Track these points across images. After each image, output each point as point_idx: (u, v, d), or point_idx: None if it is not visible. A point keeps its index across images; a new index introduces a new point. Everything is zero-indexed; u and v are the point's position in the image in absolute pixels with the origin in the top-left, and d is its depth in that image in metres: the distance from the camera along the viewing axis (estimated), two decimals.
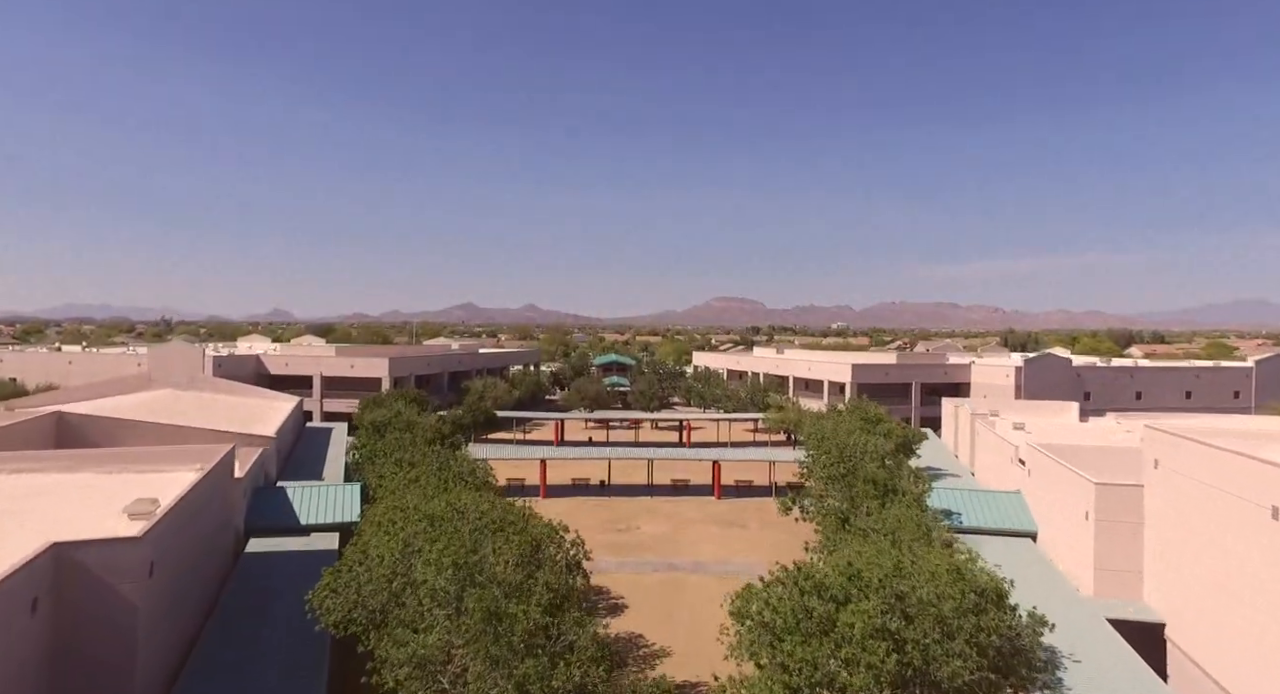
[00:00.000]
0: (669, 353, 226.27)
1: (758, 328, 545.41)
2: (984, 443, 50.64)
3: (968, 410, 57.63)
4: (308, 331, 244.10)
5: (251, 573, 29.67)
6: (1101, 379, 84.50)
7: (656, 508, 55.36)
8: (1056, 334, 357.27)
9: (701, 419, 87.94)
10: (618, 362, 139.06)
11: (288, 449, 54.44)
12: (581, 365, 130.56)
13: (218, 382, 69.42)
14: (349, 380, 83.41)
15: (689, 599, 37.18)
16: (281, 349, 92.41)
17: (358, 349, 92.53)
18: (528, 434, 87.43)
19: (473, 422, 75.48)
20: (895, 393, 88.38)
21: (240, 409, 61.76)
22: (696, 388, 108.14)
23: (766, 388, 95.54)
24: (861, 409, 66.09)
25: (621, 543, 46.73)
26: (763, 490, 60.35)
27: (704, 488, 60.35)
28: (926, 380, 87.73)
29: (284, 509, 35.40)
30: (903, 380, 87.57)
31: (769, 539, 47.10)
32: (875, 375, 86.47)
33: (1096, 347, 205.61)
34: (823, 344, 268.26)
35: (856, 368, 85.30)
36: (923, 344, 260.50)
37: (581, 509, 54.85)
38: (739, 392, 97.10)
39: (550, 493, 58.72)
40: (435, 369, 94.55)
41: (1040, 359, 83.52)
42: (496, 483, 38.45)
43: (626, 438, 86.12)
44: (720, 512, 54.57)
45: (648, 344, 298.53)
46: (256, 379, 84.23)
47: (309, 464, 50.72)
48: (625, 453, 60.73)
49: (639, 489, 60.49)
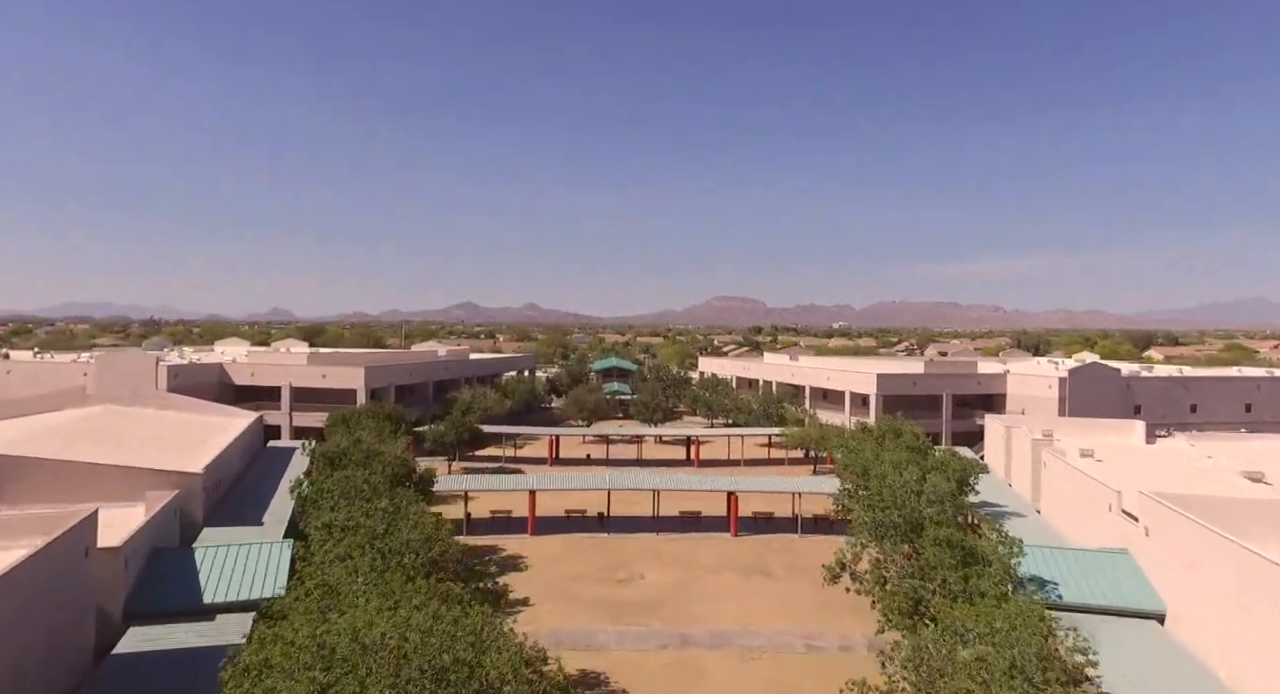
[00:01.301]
0: (671, 356, 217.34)
1: (759, 328, 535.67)
2: (1054, 477, 42.56)
3: (1025, 434, 49.53)
4: (297, 333, 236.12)
5: (118, 682, 21.64)
6: (1153, 390, 76.38)
7: (663, 549, 47.29)
8: (1068, 335, 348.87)
9: (711, 434, 79.81)
10: (618, 367, 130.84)
11: (231, 481, 46.40)
12: (580, 371, 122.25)
13: (168, 396, 61.42)
14: (321, 392, 75.33)
15: (709, 691, 29.11)
16: (249, 357, 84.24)
17: (332, 356, 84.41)
18: (519, 450, 79.37)
19: (456, 439, 67.42)
20: (923, 405, 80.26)
21: (183, 430, 53.69)
22: (704, 397, 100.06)
23: (780, 398, 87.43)
24: (894, 427, 58.29)
25: (621, 600, 38.66)
26: (785, 524, 52.31)
27: (718, 521, 52.33)
28: (958, 391, 79.63)
29: (185, 581, 27.36)
30: (931, 391, 79.45)
31: (801, 594, 39.04)
32: (902, 386, 78.39)
33: (1115, 349, 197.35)
34: (829, 346, 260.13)
35: (882, 379, 77.20)
36: (933, 347, 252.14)
37: (575, 550, 46.79)
38: (750, 402, 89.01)
39: (540, 527, 50.70)
40: (418, 378, 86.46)
41: (1087, 369, 75.42)
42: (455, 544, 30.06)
43: (628, 454, 78.08)
44: (738, 553, 46.48)
45: (649, 346, 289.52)
46: (219, 390, 76.21)
47: (255, 501, 42.68)
48: (627, 481, 52.66)
49: (643, 523, 52.45)
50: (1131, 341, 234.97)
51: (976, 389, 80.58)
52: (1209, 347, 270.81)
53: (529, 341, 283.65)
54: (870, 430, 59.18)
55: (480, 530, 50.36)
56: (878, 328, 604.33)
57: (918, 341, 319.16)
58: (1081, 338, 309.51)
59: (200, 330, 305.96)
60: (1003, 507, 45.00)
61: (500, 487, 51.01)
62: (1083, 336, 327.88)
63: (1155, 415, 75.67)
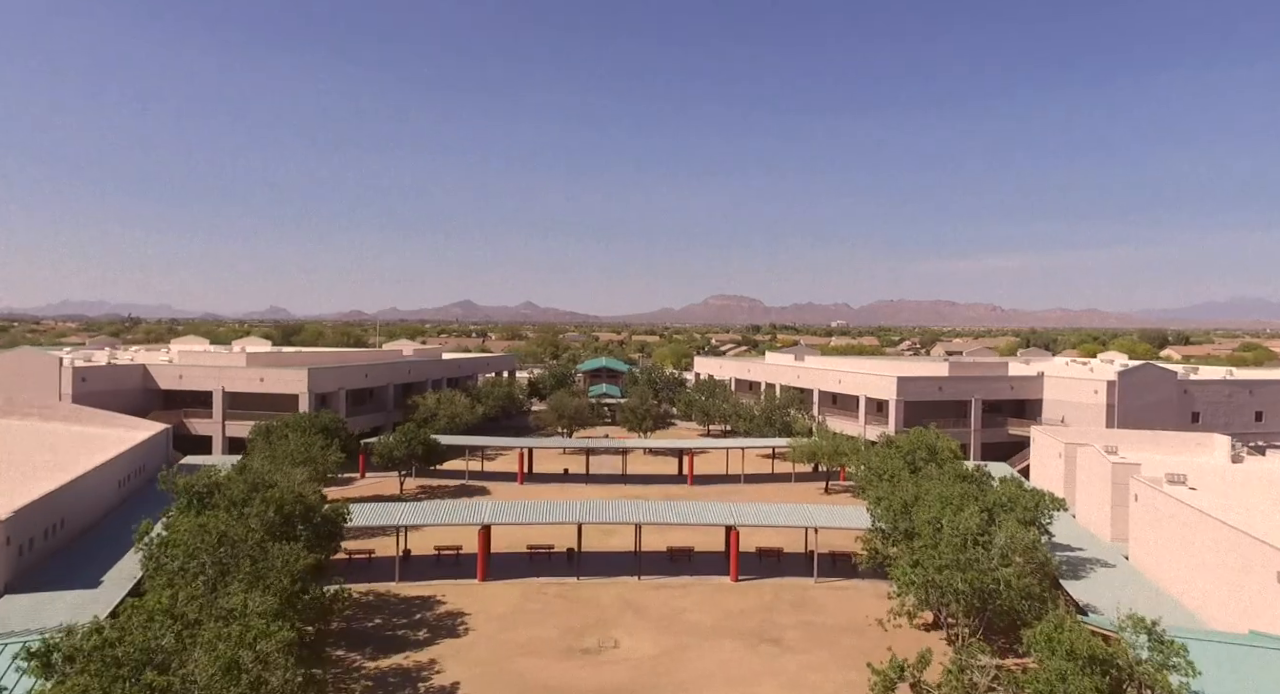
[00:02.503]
0: (667, 355, 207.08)
1: (758, 326, 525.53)
2: (1153, 515, 32.80)
3: (1100, 455, 39.76)
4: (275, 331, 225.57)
5: None
6: (1214, 396, 66.71)
7: (646, 601, 37.49)
8: (1075, 333, 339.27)
9: (706, 445, 69.93)
10: (608, 367, 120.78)
11: (99, 516, 36.50)
12: (564, 373, 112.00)
13: (57, 406, 51.61)
14: (260, 397, 65.45)
15: None
16: (179, 357, 74.18)
17: (274, 357, 74.46)
18: (490, 462, 69.48)
19: (408, 453, 57.53)
20: (948, 412, 70.62)
21: (53, 446, 43.83)
22: (700, 401, 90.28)
23: (784, 403, 77.56)
24: (926, 442, 48.70)
25: (585, 686, 28.84)
26: (797, 562, 42.59)
27: (714, 559, 42.62)
28: (989, 396, 69.93)
29: None
30: (958, 396, 69.74)
31: (825, 676, 29.23)
32: (925, 390, 68.66)
33: (1133, 349, 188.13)
34: (831, 345, 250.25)
35: (903, 382, 67.49)
36: (940, 346, 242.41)
37: (534, 603, 37.00)
38: (751, 408, 79.27)
39: (497, 568, 40.95)
40: (377, 381, 76.52)
41: (1139, 371, 65.71)
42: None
43: (613, 468, 68.29)
44: (740, 608, 36.69)
45: (645, 345, 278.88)
46: (142, 396, 66.33)
47: (111, 548, 32.78)
48: (603, 513, 42.82)
49: (623, 561, 42.70)
50: (1146, 341, 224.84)
51: (1010, 394, 70.87)
52: (1220, 346, 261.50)
53: (519, 341, 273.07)
54: (897, 445, 49.54)
55: (419, 573, 40.59)
56: (877, 326, 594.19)
57: (920, 340, 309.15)
58: (1090, 337, 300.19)
59: (182, 328, 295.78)
60: (1078, 551, 35.32)
61: (444, 520, 41.08)
62: (1090, 335, 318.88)
63: (1216, 424, 66.08)
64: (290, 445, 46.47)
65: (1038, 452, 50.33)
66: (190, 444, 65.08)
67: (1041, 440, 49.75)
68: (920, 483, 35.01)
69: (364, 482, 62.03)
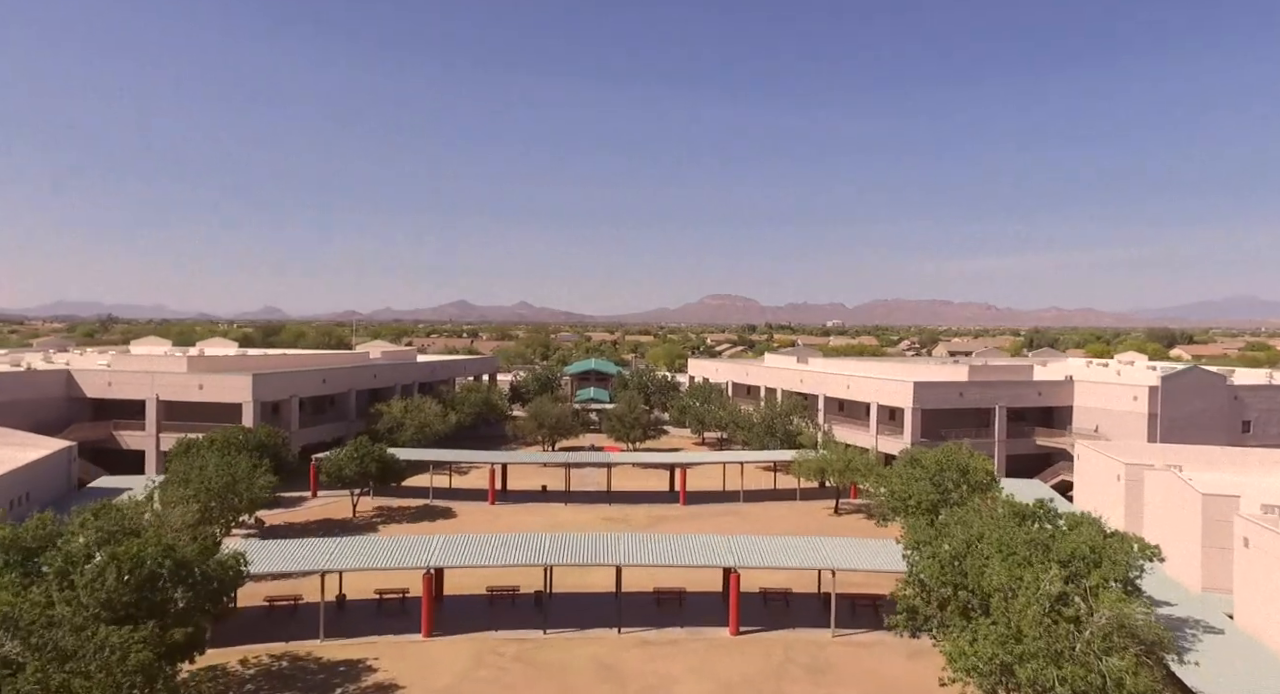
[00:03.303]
0: (660, 356, 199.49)
1: (754, 326, 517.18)
2: (1268, 564, 25.77)
3: (1181, 484, 32.76)
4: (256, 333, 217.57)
5: None
6: (1268, 403, 59.87)
7: (625, 666, 30.38)
8: (1078, 333, 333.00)
9: (701, 460, 62.78)
10: (596, 370, 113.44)
11: None
12: (549, 377, 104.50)
13: None
14: (200, 407, 58.21)
15: None
16: (111, 362, 66.66)
17: (220, 362, 66.87)
18: (461, 477, 62.28)
19: (359, 471, 50.35)
20: (969, 421, 63.78)
21: None
22: (694, 408, 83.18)
23: (787, 410, 70.43)
24: (955, 461, 41.94)
25: None
26: (809, 609, 35.64)
27: (709, 605, 35.62)
28: (1014, 404, 62.99)
29: None
30: (981, 404, 62.78)
31: None
32: (945, 397, 61.70)
33: (1143, 348, 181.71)
34: (830, 345, 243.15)
35: (921, 388, 60.54)
36: (943, 346, 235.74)
37: (487, 670, 29.87)
38: (751, 415, 72.22)
39: (448, 618, 33.94)
40: (336, 387, 69.24)
41: (1185, 375, 58.77)
42: None
43: (596, 484, 61.27)
44: (742, 675, 29.62)
45: (638, 345, 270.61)
46: (66, 405, 59.07)
47: None
48: (576, 552, 35.67)
49: (600, 607, 35.58)
50: (1155, 340, 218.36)
51: (1037, 400, 63.91)
52: (1224, 346, 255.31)
53: (509, 341, 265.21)
54: (921, 465, 42.60)
55: (353, 626, 33.50)
56: (875, 326, 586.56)
57: (920, 340, 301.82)
58: (1093, 336, 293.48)
59: (165, 329, 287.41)
60: (1163, 607, 28.23)
61: (381, 563, 33.81)
62: (1093, 334, 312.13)
63: (1269, 435, 59.34)
64: (209, 468, 39.22)
65: (1086, 472, 43.36)
66: (120, 461, 57.85)
67: (1091, 458, 42.74)
68: (964, 520, 27.91)
69: (315, 502, 54.86)
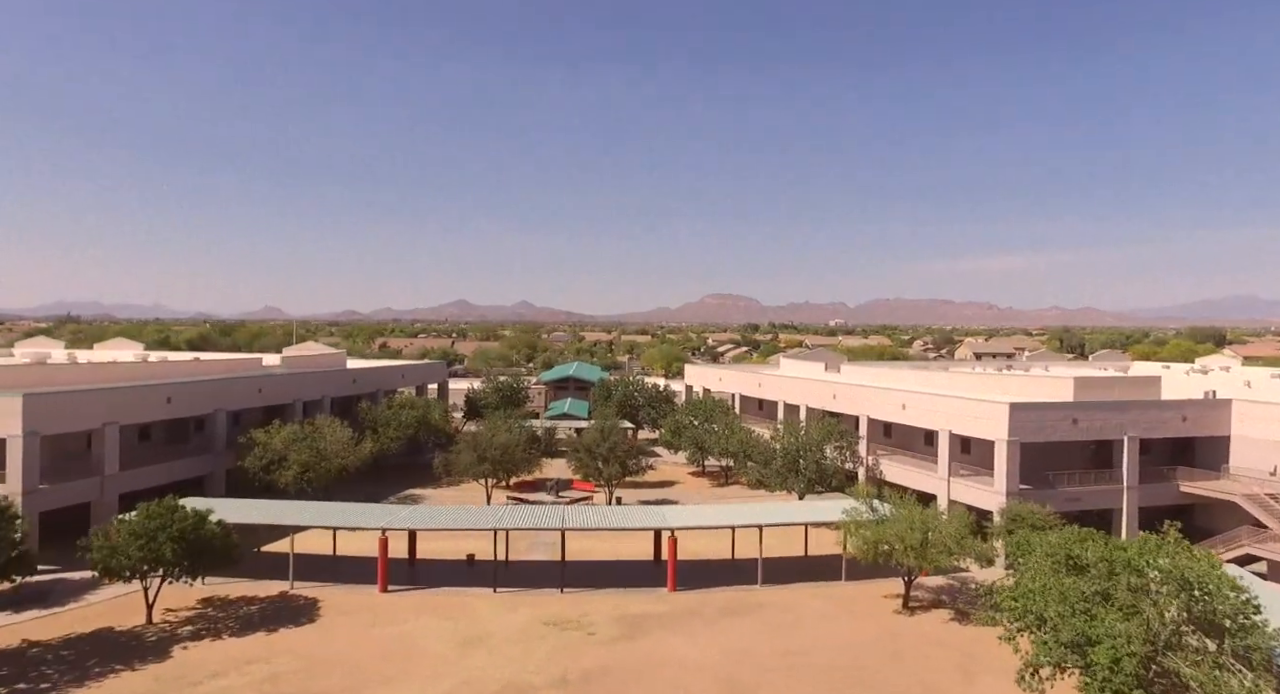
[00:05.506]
0: (657, 358, 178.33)
1: (756, 325, 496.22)
2: None
3: None
4: (214, 331, 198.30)
5: None
6: None
7: None
8: (1109, 332, 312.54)
9: (699, 524, 42.41)
10: (576, 377, 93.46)
11: None
12: (514, 387, 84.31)
13: None
14: None
15: None
16: None
17: (25, 374, 47.24)
18: (352, 539, 42.72)
19: (146, 557, 30.99)
20: (1076, 457, 44.74)
21: None
22: (691, 428, 63.71)
23: (819, 438, 51.03)
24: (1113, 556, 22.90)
25: None
26: None
27: None
28: (1147, 434, 43.76)
29: None
30: (1102, 435, 43.56)
31: None
32: (1052, 424, 42.42)
33: (1194, 349, 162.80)
34: (841, 345, 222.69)
35: (1019, 411, 41.32)
36: (969, 346, 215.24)
37: None
38: (771, 443, 53.01)
39: None
40: (196, 407, 49.87)
41: None
42: None
43: (547, 552, 41.99)
44: None
45: (634, 345, 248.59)
46: None
47: None
48: None
49: None
50: (1201, 339, 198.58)
51: (1181, 429, 44.65)
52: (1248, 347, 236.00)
53: (495, 342, 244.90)
54: (1048, 553, 23.75)
55: None
56: (880, 325, 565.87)
57: (935, 340, 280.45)
58: (1123, 336, 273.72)
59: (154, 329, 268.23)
60: None
61: None
62: (1123, 334, 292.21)
63: None
64: None
65: None
66: None
67: None
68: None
69: (105, 593, 35.48)
